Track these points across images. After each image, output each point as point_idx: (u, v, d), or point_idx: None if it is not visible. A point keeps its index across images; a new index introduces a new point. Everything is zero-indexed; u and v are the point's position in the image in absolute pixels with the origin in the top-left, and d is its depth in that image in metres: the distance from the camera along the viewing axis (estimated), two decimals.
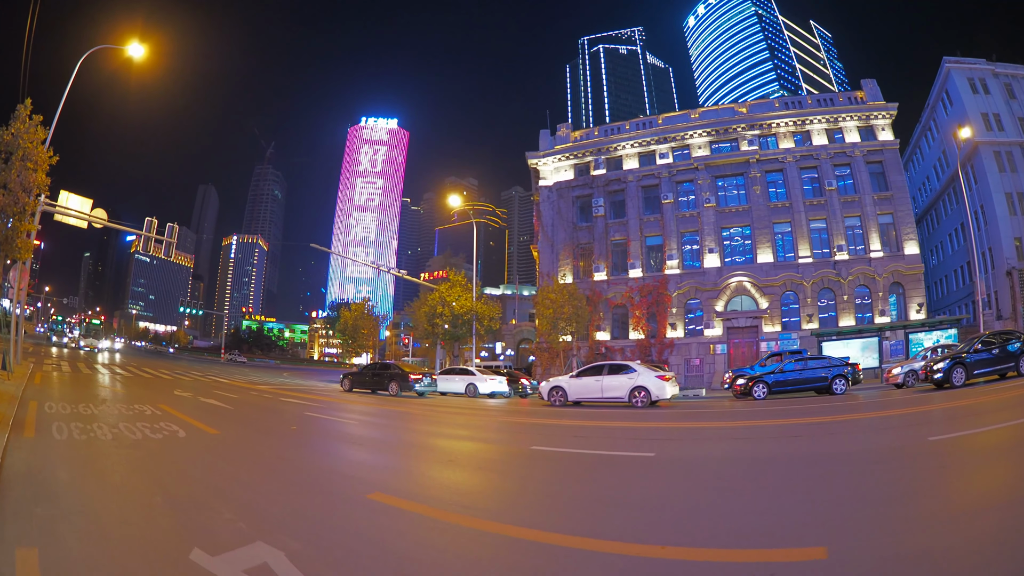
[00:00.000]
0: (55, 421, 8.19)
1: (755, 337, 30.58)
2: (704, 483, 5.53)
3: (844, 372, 17.37)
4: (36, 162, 13.55)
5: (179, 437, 7.64)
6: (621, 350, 31.45)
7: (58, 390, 14.05)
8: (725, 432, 10.55)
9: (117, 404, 11.29)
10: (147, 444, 7.01)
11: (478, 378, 22.69)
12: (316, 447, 8.47)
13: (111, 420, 8.83)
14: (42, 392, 12.90)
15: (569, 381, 17.05)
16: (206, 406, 12.84)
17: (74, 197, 22.96)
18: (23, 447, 6.14)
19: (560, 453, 7.79)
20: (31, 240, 14.70)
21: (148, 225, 28.62)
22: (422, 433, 10.94)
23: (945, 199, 43.65)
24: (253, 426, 10.56)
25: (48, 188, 14.59)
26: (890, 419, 10.74)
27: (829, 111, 33.12)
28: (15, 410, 8.69)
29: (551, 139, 37.58)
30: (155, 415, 9.86)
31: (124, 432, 7.66)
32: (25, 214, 13.57)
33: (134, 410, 10.44)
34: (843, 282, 30.81)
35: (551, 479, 5.91)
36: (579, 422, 12.02)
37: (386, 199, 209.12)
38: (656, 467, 6.64)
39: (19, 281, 18.90)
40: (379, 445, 9.11)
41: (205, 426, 9.11)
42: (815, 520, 3.84)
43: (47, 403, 10.47)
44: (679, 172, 33.35)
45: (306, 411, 13.61)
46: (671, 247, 32.42)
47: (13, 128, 13.31)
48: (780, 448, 7.78)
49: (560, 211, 35.03)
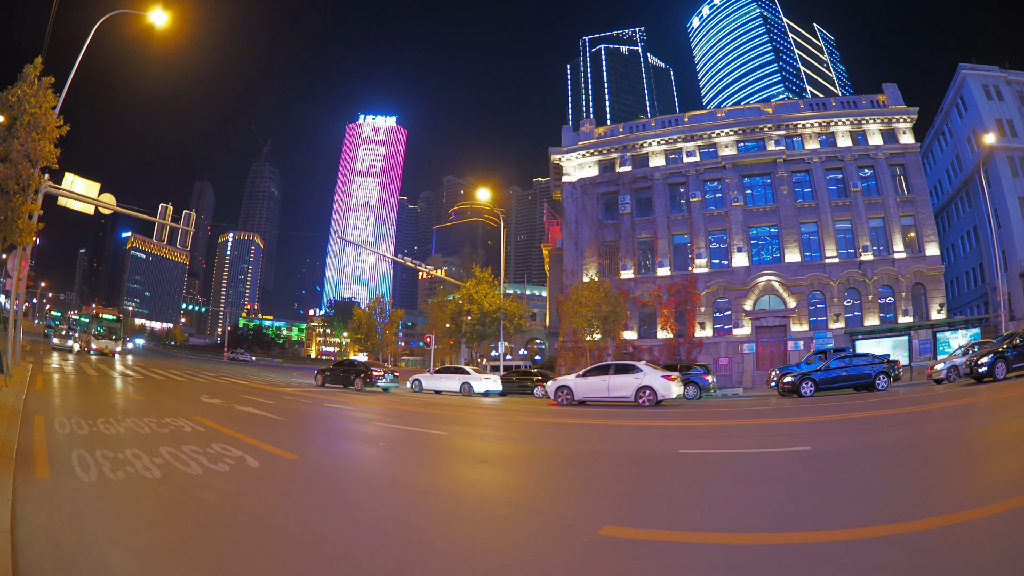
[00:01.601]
0: (74, 448, 6.14)
1: (783, 336, 30.79)
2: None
3: (886, 369, 17.89)
4: (44, 128, 11.73)
5: (252, 468, 5.80)
6: (649, 349, 31.49)
7: (65, 398, 11.99)
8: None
9: (144, 418, 9.10)
10: (215, 483, 5.11)
11: (472, 377, 23.39)
12: (444, 470, 6.77)
13: (147, 444, 6.79)
14: (47, 402, 10.85)
15: (576, 381, 17.32)
16: (249, 417, 11.10)
17: (80, 180, 20.70)
18: (40, 498, 4.31)
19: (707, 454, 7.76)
20: (34, 222, 12.77)
21: (163, 212, 26.99)
22: (537, 441, 9.75)
23: (958, 202, 44.22)
24: (328, 443, 9.03)
25: (56, 161, 12.40)
26: (975, 405, 11.73)
27: (852, 113, 33.45)
28: (18, 431, 6.72)
29: (574, 135, 37.52)
30: (199, 433, 8.02)
31: (174, 463, 5.71)
32: (28, 190, 11.81)
33: (169, 426, 8.43)
34: (868, 282, 31.14)
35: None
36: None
37: (383, 197, 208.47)
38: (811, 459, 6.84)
39: (18, 270, 16.62)
40: (509, 461, 7.66)
41: (273, 447, 7.30)
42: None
43: (57, 419, 8.46)
44: (706, 170, 33.40)
45: (365, 418, 12.72)
46: (699, 245, 32.47)
47: (19, 89, 11.51)
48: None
49: (585, 208, 35.00)
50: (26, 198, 11.83)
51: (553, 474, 6.50)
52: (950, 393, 14.81)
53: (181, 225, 25.56)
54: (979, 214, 40.64)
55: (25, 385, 11.88)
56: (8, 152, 11.27)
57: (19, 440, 6.25)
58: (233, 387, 19.39)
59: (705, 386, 20.11)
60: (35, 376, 15.13)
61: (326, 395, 19.03)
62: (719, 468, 6.71)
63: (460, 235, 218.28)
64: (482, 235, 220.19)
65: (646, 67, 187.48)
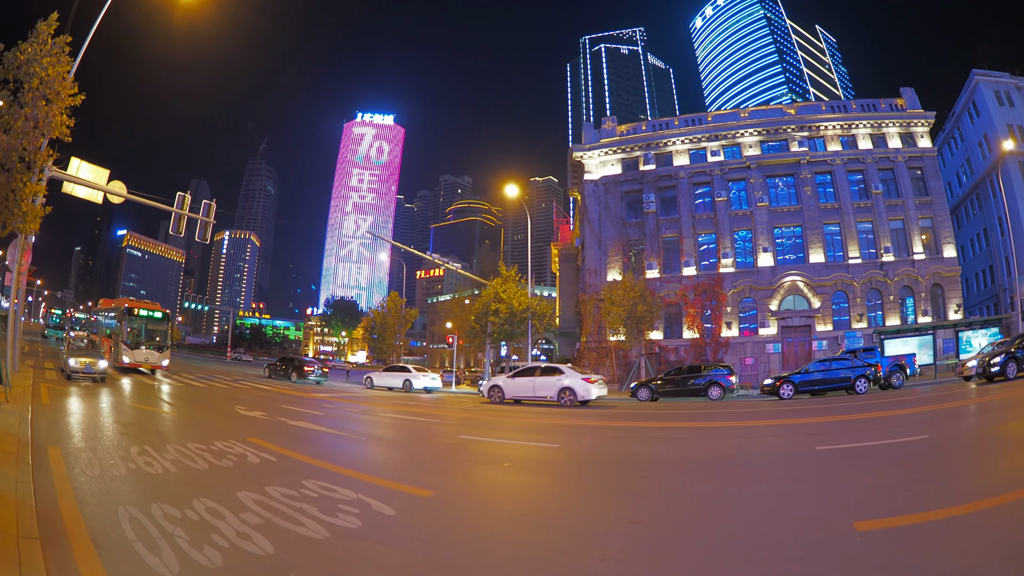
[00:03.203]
0: (119, 504, 4.46)
1: (808, 336, 31.15)
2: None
3: (867, 373, 17.96)
4: (57, 92, 9.89)
5: (388, 517, 4.49)
6: (675, 349, 31.71)
7: (79, 416, 9.90)
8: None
9: (188, 443, 7.43)
10: (365, 552, 3.78)
11: (413, 375, 25.96)
12: (625, 503, 5.27)
13: (217, 488, 5.19)
14: (59, 422, 8.81)
15: (506, 380, 18.78)
16: (312, 435, 9.75)
17: (87, 165, 18.83)
18: None
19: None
20: (39, 206, 10.75)
21: (180, 201, 24.89)
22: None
23: (968, 205, 44.91)
24: (443, 466, 7.47)
25: (69, 133, 10.33)
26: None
27: (872, 116, 33.95)
28: (32, 477, 4.93)
29: (595, 132, 37.60)
30: (271, 464, 6.52)
31: (277, 522, 4.18)
32: (35, 167, 10.05)
33: (227, 455, 6.80)
34: (890, 283, 31.62)
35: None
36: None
37: (381, 195, 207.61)
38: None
39: (19, 263, 14.40)
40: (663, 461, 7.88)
41: (384, 480, 6.03)
42: None
43: (78, 450, 6.67)
44: (731, 170, 33.60)
45: (438, 426, 12.07)
46: (725, 245, 32.66)
47: (29, 47, 9.65)
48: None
49: (608, 206, 35.12)
50: (31, 176, 9.99)
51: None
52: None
53: (200, 215, 22.41)
54: (990, 217, 41.34)
55: (28, 399, 9.85)
56: (12, 121, 9.31)
57: (36, 492, 4.53)
58: (258, 393, 18.50)
59: (729, 386, 20.18)
60: (38, 386, 13.20)
61: (375, 400, 18.91)
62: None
63: (458, 235, 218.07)
64: (480, 235, 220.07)
65: (646, 67, 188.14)
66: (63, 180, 17.82)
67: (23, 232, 10.78)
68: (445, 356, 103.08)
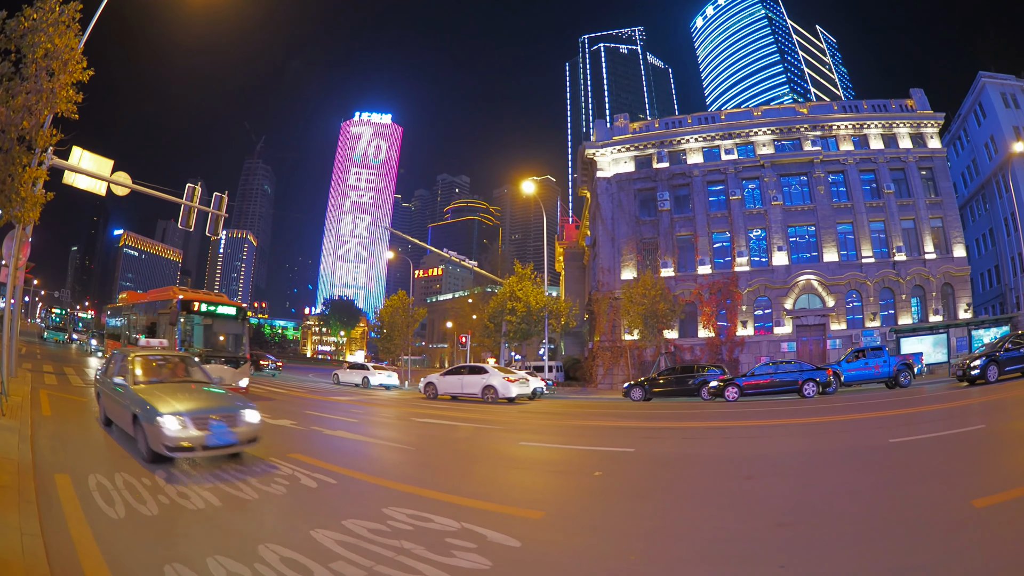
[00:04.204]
0: (165, 562, 3.49)
1: (822, 335, 31.34)
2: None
3: (815, 377, 18.06)
4: (65, 62, 8.73)
5: (518, 550, 3.84)
6: (690, 348, 31.82)
7: (87, 430, 8.51)
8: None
9: (223, 463, 6.39)
10: None
11: (371, 372, 28.18)
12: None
13: (278, 525, 4.49)
14: (64, 438, 7.55)
15: (439, 378, 20.43)
16: (358, 447, 9.01)
17: (89, 155, 17.34)
18: None
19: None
20: (40, 192, 9.48)
21: (189, 193, 23.26)
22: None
23: (973, 205, 45.36)
24: (525, 481, 6.70)
25: (76, 109, 9.07)
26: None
27: (882, 116, 34.24)
28: (38, 526, 3.85)
29: (607, 129, 37.58)
30: (331, 487, 5.63)
31: (391, 575, 3.40)
32: (36, 147, 8.88)
33: (274, 479, 5.77)
34: (902, 282, 31.90)
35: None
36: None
37: (378, 195, 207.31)
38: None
39: (16, 256, 12.90)
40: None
41: (480, 501, 5.23)
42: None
43: (92, 478, 5.37)
44: (745, 169, 33.72)
45: (492, 434, 11.23)
46: (739, 244, 32.79)
47: (35, 14, 8.61)
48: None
49: (621, 204, 35.16)
50: (32, 158, 8.90)
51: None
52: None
53: (211, 208, 20.40)
54: (996, 218, 41.77)
55: (28, 411, 8.67)
56: (11, 97, 8.20)
57: (48, 547, 3.50)
58: (276, 397, 17.88)
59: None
60: (37, 392, 11.83)
61: (409, 405, 18.68)
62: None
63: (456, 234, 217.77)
64: (479, 234, 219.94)
65: (645, 67, 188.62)
66: (64, 169, 16.36)
67: (21, 222, 9.58)
68: (444, 355, 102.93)
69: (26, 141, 8.48)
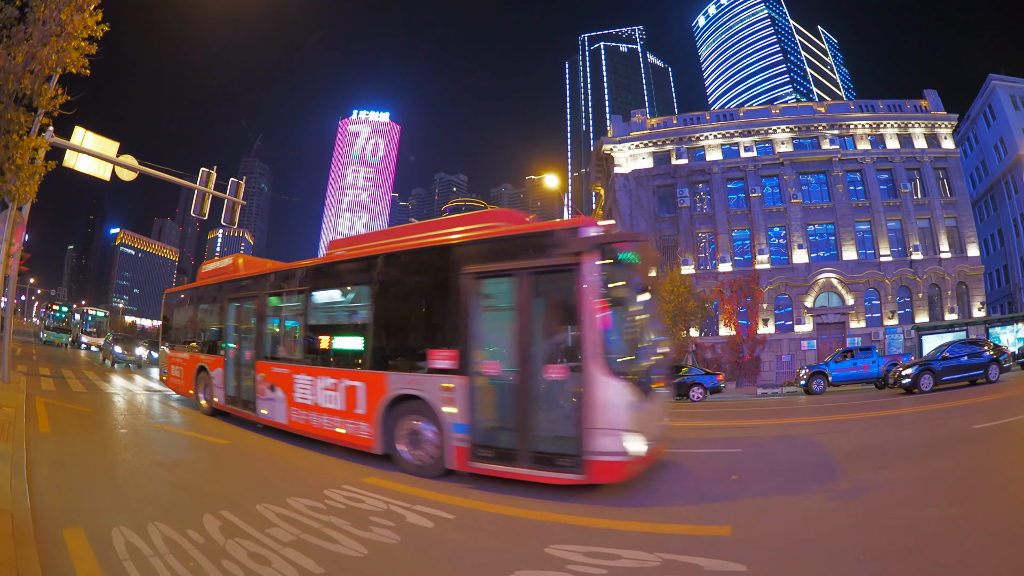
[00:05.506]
0: None
1: (842, 333, 31.45)
2: None
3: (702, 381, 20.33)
4: (79, 5, 7.18)
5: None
6: (711, 347, 31.93)
7: (101, 453, 6.72)
8: None
9: (289, 498, 4.87)
10: None
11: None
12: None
13: None
14: (70, 467, 5.73)
15: None
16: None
17: (92, 135, 15.20)
18: None
19: None
20: (39, 164, 7.75)
21: (203, 178, 21.17)
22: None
23: (982, 206, 45.84)
24: (679, 486, 5.84)
25: (88, 64, 7.54)
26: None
27: (898, 117, 34.53)
28: None
29: (624, 125, 37.53)
30: (451, 523, 4.35)
31: None
32: (37, 109, 7.40)
33: (375, 519, 4.31)
34: (919, 280, 32.19)
35: None
36: None
37: (376, 194, 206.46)
38: None
39: (9, 241, 10.84)
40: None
41: (641, 523, 4.35)
42: None
43: (118, 537, 3.69)
44: (764, 166, 33.80)
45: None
46: (760, 241, 32.89)
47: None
48: None
49: (639, 200, 35.15)
50: (32, 124, 7.44)
51: None
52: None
53: (227, 195, 18.69)
54: (1005, 218, 42.26)
55: (23, 428, 6.95)
56: (17, 42, 6.76)
57: None
58: None
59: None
60: (33, 402, 9.84)
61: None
62: None
63: None
64: None
65: (645, 66, 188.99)
66: (66, 148, 14.38)
67: (16, 199, 7.95)
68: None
69: (25, 100, 7.04)
